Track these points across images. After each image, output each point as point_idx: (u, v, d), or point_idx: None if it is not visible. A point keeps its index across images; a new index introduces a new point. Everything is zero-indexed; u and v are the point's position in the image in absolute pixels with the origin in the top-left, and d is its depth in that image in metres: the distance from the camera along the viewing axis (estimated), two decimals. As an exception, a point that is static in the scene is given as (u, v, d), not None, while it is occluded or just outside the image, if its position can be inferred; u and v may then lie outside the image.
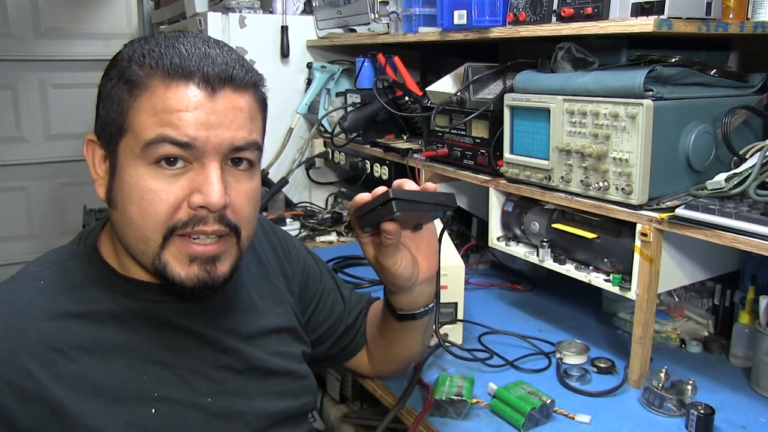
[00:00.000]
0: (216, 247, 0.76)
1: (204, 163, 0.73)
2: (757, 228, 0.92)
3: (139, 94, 0.72)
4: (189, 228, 0.73)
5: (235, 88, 0.74)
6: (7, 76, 2.83)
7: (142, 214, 0.73)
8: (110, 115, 0.74)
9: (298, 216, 2.11)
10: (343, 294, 1.10)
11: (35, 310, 0.75)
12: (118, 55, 0.76)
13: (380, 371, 1.14)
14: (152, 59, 0.72)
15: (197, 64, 0.72)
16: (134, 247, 0.76)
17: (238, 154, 0.76)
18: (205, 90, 0.72)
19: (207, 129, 0.72)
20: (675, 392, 1.05)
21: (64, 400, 0.72)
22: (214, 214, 0.74)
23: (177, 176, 0.73)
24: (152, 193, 0.72)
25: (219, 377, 0.82)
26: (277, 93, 2.14)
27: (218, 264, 0.77)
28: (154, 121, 0.71)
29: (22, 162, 2.93)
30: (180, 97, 0.71)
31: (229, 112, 0.74)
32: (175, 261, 0.74)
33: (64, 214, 3.03)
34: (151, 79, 0.72)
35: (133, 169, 0.73)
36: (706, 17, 1.05)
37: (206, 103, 0.72)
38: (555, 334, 1.34)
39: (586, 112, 1.12)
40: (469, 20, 1.35)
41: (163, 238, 0.74)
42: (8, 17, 2.80)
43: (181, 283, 0.75)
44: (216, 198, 0.72)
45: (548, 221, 1.29)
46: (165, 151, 0.71)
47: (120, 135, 0.74)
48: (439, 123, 1.52)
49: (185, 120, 0.71)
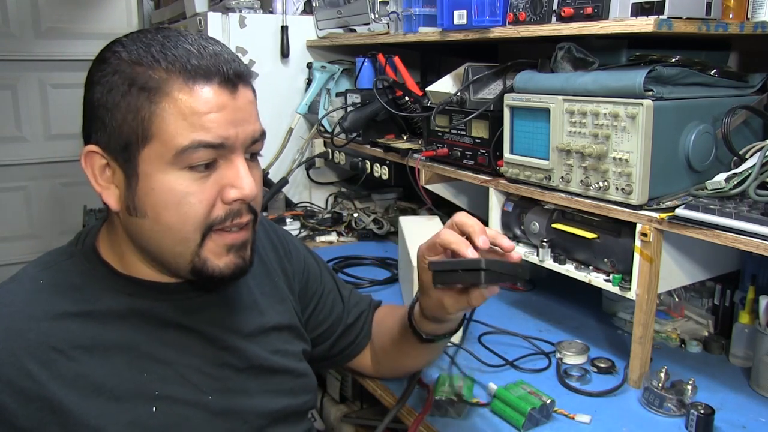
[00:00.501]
0: (246, 233, 0.80)
1: (231, 159, 0.75)
2: (757, 228, 0.92)
3: (160, 100, 0.71)
4: (228, 222, 0.76)
5: (245, 83, 0.77)
6: (7, 76, 2.83)
7: (181, 218, 0.74)
8: (125, 124, 0.72)
9: (298, 216, 2.11)
10: (342, 294, 1.10)
11: (34, 311, 0.75)
12: (114, 60, 0.73)
13: (383, 375, 1.14)
14: (167, 61, 0.71)
15: (213, 63, 0.73)
16: (169, 251, 0.76)
17: (255, 145, 0.78)
18: (226, 88, 0.73)
19: (235, 127, 0.74)
20: (675, 392, 1.05)
21: (65, 400, 0.72)
22: (245, 205, 0.77)
23: (207, 176, 0.74)
24: (190, 195, 0.73)
25: (220, 375, 0.83)
26: (277, 93, 2.16)
27: (247, 248, 0.81)
28: (185, 126, 0.71)
29: (22, 162, 2.93)
30: (206, 98, 0.72)
31: (247, 107, 0.76)
32: (212, 255, 0.77)
33: (64, 214, 3.03)
34: (171, 83, 0.71)
35: (163, 175, 0.73)
36: (706, 17, 1.05)
37: (230, 102, 0.73)
38: (555, 334, 1.34)
39: (586, 112, 1.12)
40: (469, 20, 1.35)
41: (201, 236, 0.75)
42: (8, 17, 2.80)
43: (221, 273, 0.78)
44: (250, 190, 0.75)
45: (548, 221, 1.29)
46: (200, 156, 0.73)
47: (142, 143, 0.72)
48: (439, 123, 1.52)
49: (215, 121, 0.72)
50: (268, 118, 2.12)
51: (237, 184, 0.75)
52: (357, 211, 2.10)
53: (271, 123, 2.15)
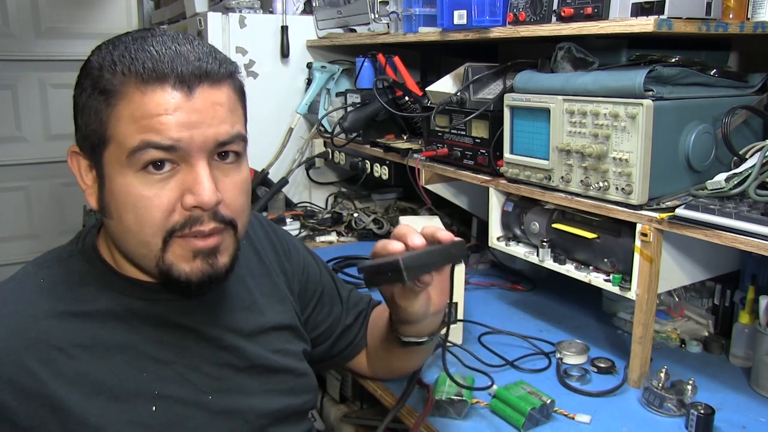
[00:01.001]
0: (215, 240, 0.76)
1: (191, 163, 0.73)
2: (757, 228, 0.92)
3: (116, 103, 0.71)
4: (186, 229, 0.74)
5: (212, 83, 0.73)
6: (7, 76, 2.83)
7: (138, 221, 0.73)
8: (90, 126, 0.74)
9: (298, 216, 2.11)
10: (342, 294, 1.09)
11: (35, 310, 0.75)
12: (88, 64, 0.75)
13: (379, 376, 1.14)
14: (123, 66, 0.71)
15: (170, 64, 0.71)
16: (135, 252, 0.76)
17: (224, 148, 0.75)
18: (181, 90, 0.71)
19: (189, 129, 0.71)
20: (675, 392, 1.05)
21: (65, 398, 0.72)
22: (208, 212, 0.74)
23: (166, 179, 0.72)
24: (145, 199, 0.72)
25: (219, 375, 0.82)
26: (277, 93, 2.16)
27: (219, 256, 0.77)
28: (136, 129, 0.71)
29: (22, 162, 2.93)
30: (158, 100, 0.70)
31: (209, 109, 0.73)
32: (178, 260, 0.75)
33: (64, 214, 3.03)
34: (126, 86, 0.71)
35: (122, 177, 0.73)
36: (706, 17, 1.05)
37: (185, 103, 0.71)
38: (555, 334, 1.34)
39: (586, 112, 1.12)
40: (469, 20, 1.35)
41: (162, 241, 0.74)
42: (8, 17, 2.80)
43: (188, 278, 0.75)
44: (208, 197, 0.72)
45: (548, 221, 1.29)
46: (151, 156, 0.71)
47: (103, 145, 0.73)
48: (439, 123, 1.52)
49: (166, 123, 0.70)
50: (268, 118, 2.16)
51: (195, 190, 0.72)
52: (357, 211, 2.10)
53: (271, 123, 2.15)
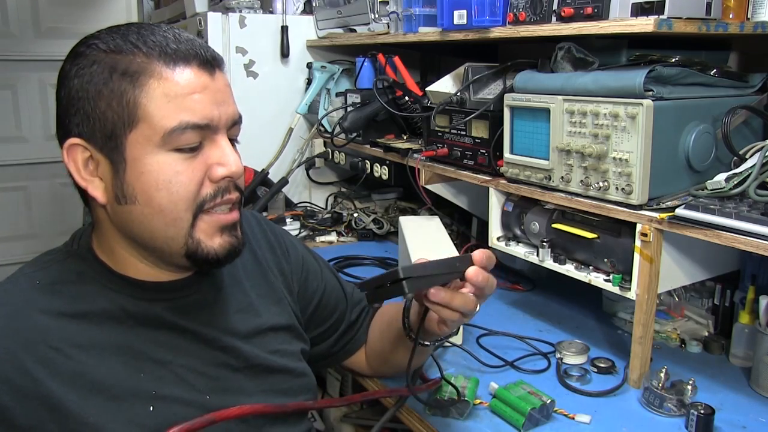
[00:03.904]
0: (236, 213, 0.82)
1: (215, 139, 0.77)
2: (757, 228, 0.92)
3: (144, 83, 0.73)
4: (218, 199, 0.78)
5: (221, 68, 0.79)
6: (7, 76, 2.83)
7: (173, 198, 0.75)
8: (109, 111, 0.73)
9: (298, 216, 2.11)
10: (346, 291, 1.09)
11: (31, 310, 0.75)
12: (87, 52, 0.75)
13: (377, 372, 1.14)
14: (147, 47, 0.73)
15: (191, 47, 0.75)
16: (162, 234, 0.77)
17: (234, 127, 0.80)
18: (205, 70, 0.75)
19: (218, 107, 0.76)
20: (675, 392, 1.05)
21: (63, 398, 0.72)
22: (233, 183, 0.79)
23: (194, 157, 0.76)
24: (179, 174, 0.75)
25: (217, 375, 0.83)
26: (277, 93, 2.16)
27: (238, 228, 0.82)
28: (171, 108, 0.73)
29: (22, 162, 2.93)
30: (188, 79, 0.74)
31: (225, 89, 0.79)
32: (205, 236, 0.78)
33: (64, 214, 3.03)
34: (152, 66, 0.73)
35: (153, 157, 0.74)
36: (706, 17, 1.05)
37: (210, 83, 0.76)
38: (555, 334, 1.34)
39: (586, 112, 1.12)
40: (469, 20, 1.35)
41: (192, 216, 0.76)
42: (8, 17, 2.80)
43: (216, 254, 0.79)
44: (236, 166, 0.78)
45: (548, 221, 1.29)
46: (187, 139, 0.74)
47: (128, 127, 0.73)
48: (439, 123, 1.52)
49: (200, 101, 0.74)
50: (268, 118, 2.16)
51: (223, 161, 0.77)
52: (357, 211, 2.10)
53: (271, 123, 2.15)
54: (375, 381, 1.16)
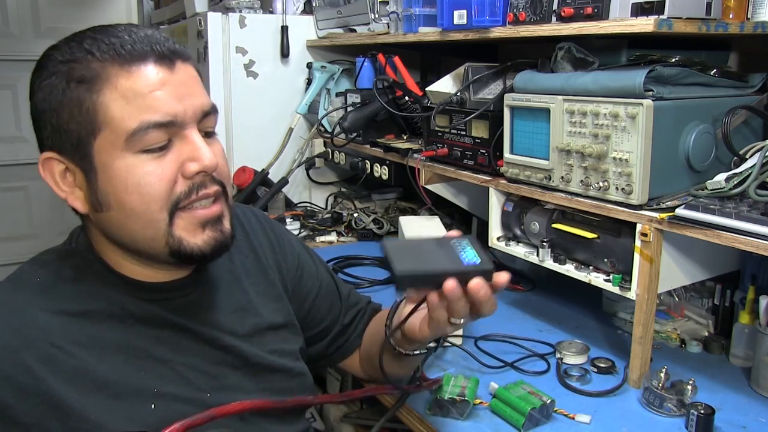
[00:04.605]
0: (218, 207, 0.79)
1: (184, 135, 0.75)
2: (757, 228, 0.92)
3: (101, 88, 0.72)
4: (193, 196, 0.76)
5: (183, 59, 0.77)
6: (7, 76, 2.84)
7: (144, 199, 0.74)
8: (72, 120, 0.73)
9: (298, 216, 2.11)
10: (341, 292, 1.09)
11: (32, 308, 0.75)
12: (48, 63, 0.74)
13: (371, 377, 1.12)
14: (100, 51, 0.72)
15: (146, 44, 0.73)
16: (141, 236, 0.76)
17: (207, 119, 0.78)
18: (163, 65, 0.74)
19: (181, 101, 0.74)
20: (675, 392, 1.05)
21: (65, 396, 0.72)
22: (209, 177, 0.77)
23: (164, 155, 0.74)
24: (149, 175, 0.73)
25: (217, 373, 0.83)
26: (277, 93, 2.16)
27: (224, 221, 0.80)
28: (131, 110, 0.71)
29: (22, 162, 2.93)
30: (146, 77, 0.72)
31: (189, 81, 0.76)
32: (187, 233, 0.76)
33: (64, 214, 2.99)
34: (107, 70, 0.72)
35: (121, 161, 0.73)
36: (706, 17, 1.05)
37: (170, 77, 0.74)
38: (555, 334, 1.34)
39: (586, 112, 1.12)
40: (469, 20, 1.35)
41: (169, 215, 0.75)
42: (8, 17, 2.80)
43: (200, 251, 0.77)
44: (209, 159, 0.75)
45: (548, 221, 1.29)
46: (153, 139, 0.73)
47: (92, 135, 0.73)
48: (439, 123, 1.52)
49: (160, 98, 0.72)
50: (268, 118, 2.15)
51: (195, 156, 0.75)
52: (357, 211, 2.10)
53: (271, 123, 2.15)
54: (375, 381, 1.16)
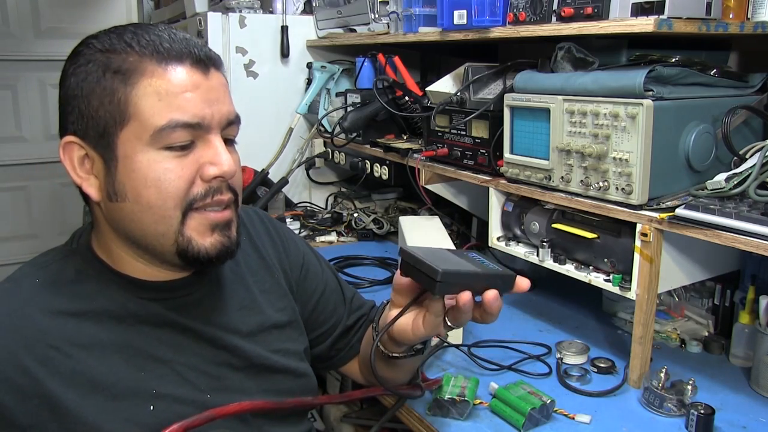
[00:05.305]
0: (229, 213, 0.80)
1: (208, 139, 0.77)
2: (757, 228, 0.92)
3: (137, 81, 0.73)
4: (208, 199, 0.77)
5: (216, 67, 0.79)
6: (7, 76, 2.84)
7: (161, 194, 0.74)
8: (101, 108, 0.74)
9: (298, 216, 2.11)
10: (346, 295, 1.08)
11: (31, 309, 0.75)
12: (86, 51, 0.76)
13: (372, 384, 1.08)
14: (140, 46, 0.74)
15: (184, 46, 0.75)
16: (152, 231, 0.76)
17: (230, 127, 0.80)
18: (199, 69, 0.76)
19: (210, 106, 0.76)
20: (675, 392, 1.05)
21: (63, 397, 0.72)
22: (225, 183, 0.78)
23: (185, 155, 0.76)
24: (169, 172, 0.74)
25: (218, 374, 0.83)
26: (277, 93, 2.16)
27: (232, 228, 0.81)
28: (161, 106, 0.73)
29: (22, 162, 2.93)
30: (180, 78, 0.74)
31: (220, 88, 0.79)
32: (196, 234, 0.77)
33: (64, 214, 3.03)
34: (145, 64, 0.73)
35: (143, 155, 0.74)
36: (706, 17, 1.05)
37: (203, 82, 0.76)
38: (555, 334, 1.34)
39: (586, 112, 1.12)
40: (469, 20, 1.35)
41: (182, 214, 0.76)
42: (8, 17, 2.80)
43: (207, 253, 0.78)
44: (228, 166, 0.77)
45: (548, 221, 1.29)
46: (178, 137, 0.74)
47: (119, 125, 0.74)
48: (439, 123, 1.52)
49: (191, 100, 0.74)
50: (268, 118, 2.16)
51: (215, 161, 0.76)
52: (357, 211, 2.11)
53: (271, 123, 2.15)
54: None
